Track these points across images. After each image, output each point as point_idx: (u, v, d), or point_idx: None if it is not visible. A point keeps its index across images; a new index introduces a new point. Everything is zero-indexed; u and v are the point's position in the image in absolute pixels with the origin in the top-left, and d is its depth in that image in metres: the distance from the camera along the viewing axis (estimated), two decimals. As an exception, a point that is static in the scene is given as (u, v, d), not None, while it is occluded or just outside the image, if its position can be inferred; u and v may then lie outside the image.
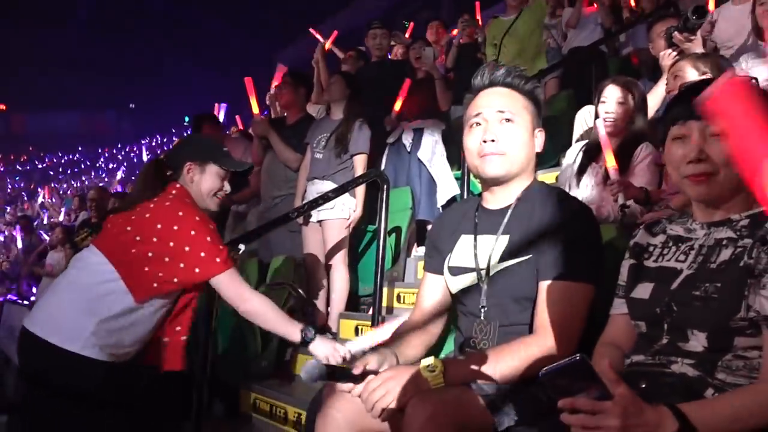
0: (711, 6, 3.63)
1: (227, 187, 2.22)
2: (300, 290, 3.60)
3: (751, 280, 1.12)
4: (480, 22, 6.26)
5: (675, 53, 2.98)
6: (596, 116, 2.72)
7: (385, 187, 3.16)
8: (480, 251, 1.55)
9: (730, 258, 1.17)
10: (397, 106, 4.25)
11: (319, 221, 3.63)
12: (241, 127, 6.77)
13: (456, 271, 1.59)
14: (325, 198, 3.20)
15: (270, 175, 4.14)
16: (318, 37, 5.57)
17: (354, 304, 3.92)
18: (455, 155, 4.11)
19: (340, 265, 3.60)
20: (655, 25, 3.36)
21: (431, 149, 4.00)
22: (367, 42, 5.29)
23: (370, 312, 3.70)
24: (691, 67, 2.43)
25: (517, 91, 1.55)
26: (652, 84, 3.21)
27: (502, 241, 1.52)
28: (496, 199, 1.58)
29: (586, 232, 1.47)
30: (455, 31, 6.34)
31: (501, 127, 1.50)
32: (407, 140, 4.11)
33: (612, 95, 2.62)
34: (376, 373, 1.36)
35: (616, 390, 0.98)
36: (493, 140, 1.49)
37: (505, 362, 1.35)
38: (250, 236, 3.16)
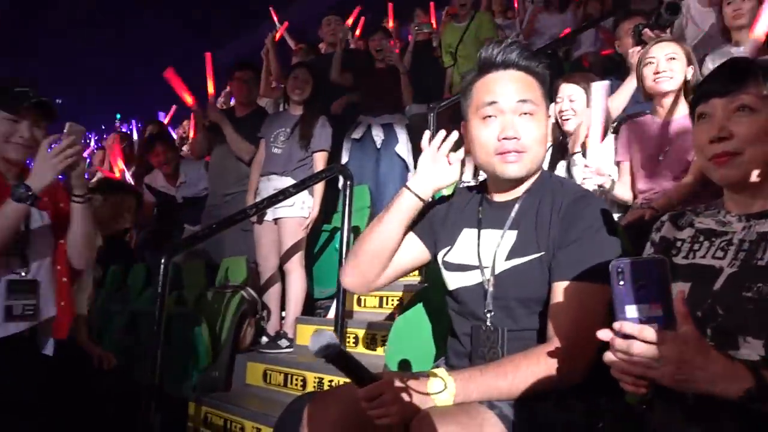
0: None
1: (23, 131, 1.95)
2: (254, 293, 3.37)
3: None
4: (434, 24, 6.16)
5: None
6: (555, 118, 2.69)
7: (348, 183, 2.98)
8: (484, 247, 1.39)
9: None
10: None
11: (275, 219, 3.41)
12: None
13: (454, 267, 1.43)
14: (286, 194, 2.99)
15: (220, 171, 3.90)
16: (275, 19, 5.40)
17: (310, 307, 3.71)
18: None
19: (297, 267, 3.40)
20: (621, 23, 3.33)
21: (407, 143, 3.86)
22: (320, 31, 5.13)
23: (328, 316, 3.52)
24: (659, 49, 2.39)
25: (533, 75, 1.36)
26: (620, 82, 3.17)
27: (509, 237, 1.36)
28: (502, 192, 1.43)
29: (600, 227, 1.30)
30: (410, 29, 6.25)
31: (522, 123, 1.32)
32: (378, 136, 3.95)
33: (564, 93, 2.63)
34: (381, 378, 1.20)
35: (681, 326, 0.90)
36: (515, 138, 1.31)
37: (522, 375, 1.19)
38: (201, 236, 2.89)
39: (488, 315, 1.35)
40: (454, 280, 1.43)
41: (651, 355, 0.90)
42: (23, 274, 1.95)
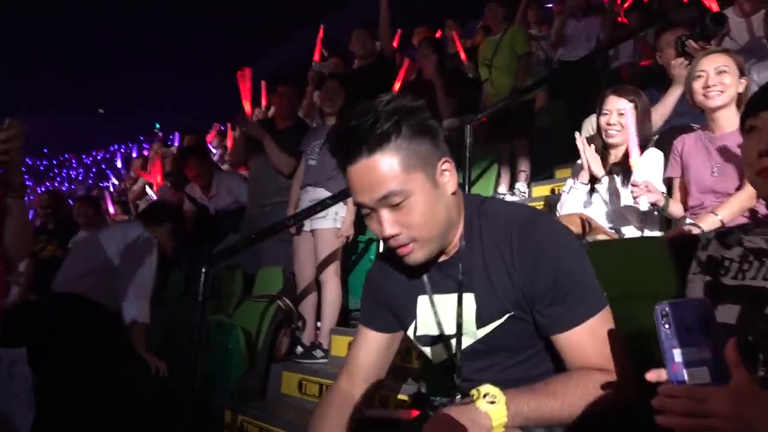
0: (714, 7, 3.57)
1: None
2: (290, 303, 3.41)
3: None
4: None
5: (688, 62, 2.90)
6: (598, 129, 2.65)
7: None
8: (443, 315, 1.28)
9: None
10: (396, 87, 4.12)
11: (312, 230, 3.44)
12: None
13: (426, 341, 1.33)
14: (324, 205, 3.01)
15: (259, 183, 3.96)
16: (321, 35, 5.54)
17: (345, 318, 3.73)
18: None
19: (332, 277, 3.41)
20: (663, 34, 3.27)
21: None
22: (351, 45, 5.19)
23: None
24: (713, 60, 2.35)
25: (390, 145, 1.13)
26: (660, 94, 3.12)
27: (468, 302, 1.24)
28: (439, 254, 1.28)
29: (567, 256, 1.19)
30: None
31: (395, 214, 1.15)
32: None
33: (613, 106, 2.56)
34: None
35: (734, 376, 0.86)
36: (394, 234, 1.16)
37: (572, 396, 1.12)
38: (239, 247, 2.94)
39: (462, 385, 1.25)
40: (433, 355, 1.34)
41: (702, 413, 0.87)
42: None
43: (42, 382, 2.62)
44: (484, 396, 1.06)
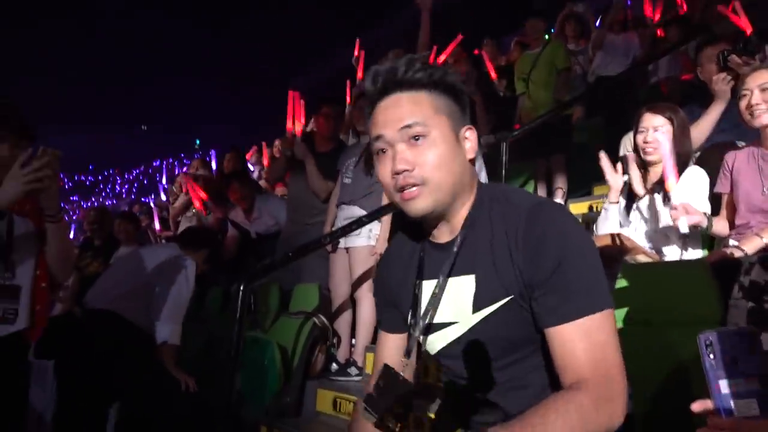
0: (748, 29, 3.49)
1: (3, 151, 2.00)
2: (325, 320, 3.42)
3: None
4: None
5: (730, 77, 2.84)
6: (635, 146, 2.61)
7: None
8: (436, 301, 1.21)
9: None
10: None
11: (347, 248, 3.46)
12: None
13: (420, 328, 1.25)
14: (359, 223, 3.03)
15: (300, 202, 4.01)
16: (356, 51, 5.61)
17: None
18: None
19: (366, 295, 3.42)
20: (704, 48, 3.21)
21: (478, 169, 3.85)
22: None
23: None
24: None
25: (422, 89, 1.18)
26: (701, 110, 3.06)
27: (466, 284, 1.18)
28: (441, 231, 1.24)
29: (573, 245, 1.11)
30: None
31: (412, 150, 1.15)
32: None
33: (649, 123, 2.53)
34: None
35: None
36: (406, 170, 1.14)
37: (553, 428, 0.99)
38: (277, 264, 2.98)
39: (466, 371, 1.20)
40: (433, 344, 1.25)
41: None
42: (7, 279, 2.01)
43: (74, 394, 2.70)
44: None
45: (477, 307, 1.16)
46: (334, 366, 3.38)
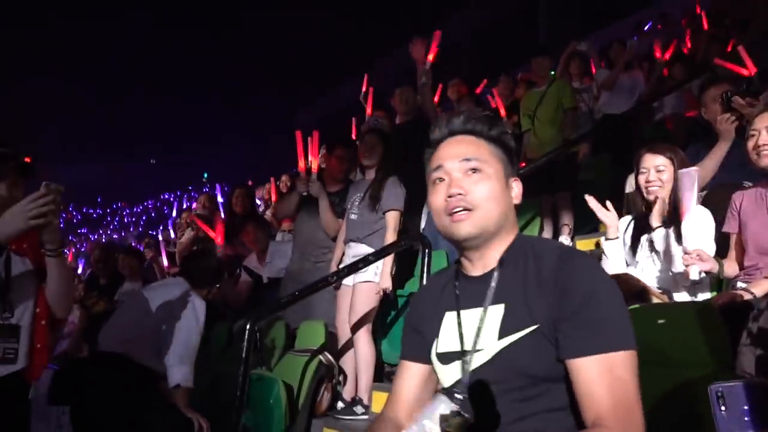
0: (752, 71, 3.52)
1: (2, 191, 2.04)
2: (331, 358, 3.40)
3: None
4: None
5: (734, 117, 2.86)
6: (636, 187, 2.63)
7: (426, 251, 3.00)
8: (466, 329, 1.26)
9: None
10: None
11: (353, 285, 3.46)
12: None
13: (445, 358, 1.29)
14: (366, 261, 3.04)
15: (309, 239, 4.02)
16: (365, 85, 5.67)
17: (387, 374, 3.70)
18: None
19: (363, 333, 3.37)
20: (708, 89, 3.25)
21: None
22: (393, 101, 5.29)
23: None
24: None
25: (482, 137, 1.33)
26: (706, 150, 3.08)
27: (494, 313, 1.23)
28: (476, 265, 1.31)
29: (602, 286, 1.17)
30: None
31: (467, 179, 1.28)
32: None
33: (650, 164, 2.56)
34: None
35: None
36: (460, 193, 1.26)
37: None
38: (284, 303, 2.99)
39: (468, 404, 1.20)
40: (447, 375, 1.28)
41: None
42: (6, 318, 2.02)
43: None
44: None
45: (503, 333, 1.20)
46: (340, 404, 3.35)
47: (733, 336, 1.34)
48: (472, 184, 1.27)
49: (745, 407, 0.87)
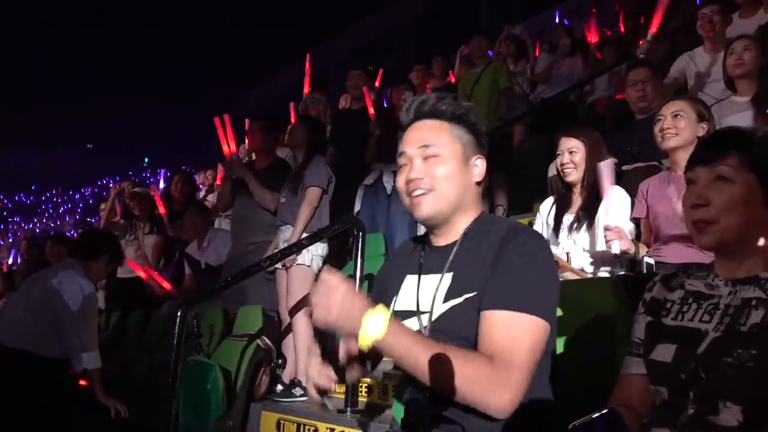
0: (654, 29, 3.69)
1: None
2: (269, 342, 3.41)
3: None
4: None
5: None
6: (557, 170, 2.74)
7: (360, 234, 3.03)
8: (423, 292, 1.40)
9: (762, 321, 1.08)
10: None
11: (286, 268, 3.46)
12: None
13: (399, 315, 1.40)
14: (299, 246, 3.05)
15: (243, 221, 3.99)
16: (308, 67, 5.66)
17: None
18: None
19: (301, 315, 3.39)
20: (628, 73, 3.39)
21: None
22: (347, 83, 5.30)
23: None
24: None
25: (445, 120, 1.43)
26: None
27: (446, 280, 1.36)
28: (440, 238, 1.44)
29: (535, 258, 1.28)
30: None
31: (425, 163, 1.39)
32: (388, 183, 4.03)
33: (564, 147, 2.67)
34: None
35: None
36: (418, 177, 1.38)
37: (444, 375, 1.17)
38: (218, 288, 2.97)
39: None
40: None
41: None
42: None
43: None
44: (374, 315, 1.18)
45: (447, 297, 1.33)
46: (279, 387, 3.37)
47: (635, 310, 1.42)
48: (430, 168, 1.38)
49: None
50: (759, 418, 1.03)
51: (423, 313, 1.36)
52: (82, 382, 3.03)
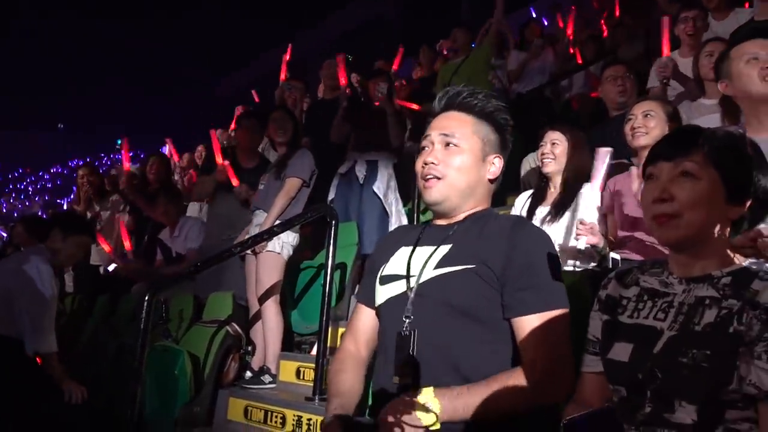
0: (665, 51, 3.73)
1: None
2: (238, 329, 3.40)
3: (742, 349, 1.04)
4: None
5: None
6: (535, 162, 2.78)
7: (333, 222, 3.04)
8: (415, 259, 1.46)
9: (715, 320, 1.10)
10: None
11: (256, 254, 3.45)
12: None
13: (386, 279, 1.49)
14: (271, 233, 3.04)
15: (223, 215, 4.00)
16: (288, 55, 5.63)
17: (296, 343, 3.74)
18: (406, 190, 4.07)
19: (271, 303, 3.38)
20: (606, 69, 3.43)
21: (386, 182, 3.95)
22: (320, 72, 5.27)
23: (312, 352, 3.54)
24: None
25: (472, 114, 1.50)
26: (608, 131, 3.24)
27: (441, 250, 1.43)
28: (442, 220, 1.53)
29: (547, 255, 1.37)
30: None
31: (444, 151, 1.47)
32: (360, 172, 4.03)
33: (547, 138, 2.73)
34: None
35: None
36: (433, 162, 1.46)
37: (504, 400, 1.26)
38: (186, 274, 2.95)
39: (406, 321, 1.38)
40: (382, 294, 1.49)
41: None
42: None
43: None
44: (423, 404, 1.23)
45: (441, 264, 1.40)
46: (248, 374, 3.36)
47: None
48: (447, 156, 1.46)
49: None
50: (712, 417, 1.06)
51: (411, 276, 1.43)
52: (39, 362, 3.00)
